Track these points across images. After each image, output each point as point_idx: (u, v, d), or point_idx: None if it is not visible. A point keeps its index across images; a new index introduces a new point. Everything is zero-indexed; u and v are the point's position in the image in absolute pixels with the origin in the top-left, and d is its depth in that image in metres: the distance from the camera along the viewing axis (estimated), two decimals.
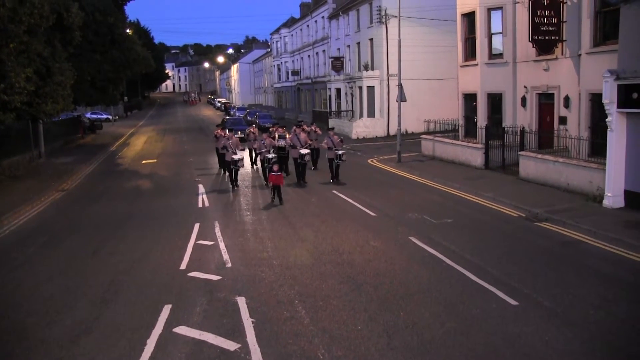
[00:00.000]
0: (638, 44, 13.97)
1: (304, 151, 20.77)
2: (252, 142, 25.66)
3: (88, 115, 60.16)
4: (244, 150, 22.79)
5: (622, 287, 9.88)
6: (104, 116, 64.95)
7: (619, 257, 11.50)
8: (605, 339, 7.90)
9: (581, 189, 16.77)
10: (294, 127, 24.45)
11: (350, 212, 16.12)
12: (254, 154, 25.76)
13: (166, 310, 9.37)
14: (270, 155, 19.97)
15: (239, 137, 25.55)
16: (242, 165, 20.77)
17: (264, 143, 21.30)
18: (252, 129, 27.18)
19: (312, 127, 25.83)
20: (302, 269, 11.24)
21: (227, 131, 24.00)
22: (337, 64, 47.00)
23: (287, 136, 23.02)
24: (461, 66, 26.93)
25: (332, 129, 23.31)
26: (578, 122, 19.36)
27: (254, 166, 25.81)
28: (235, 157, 20.30)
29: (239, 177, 21.52)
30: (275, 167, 17.38)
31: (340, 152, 20.79)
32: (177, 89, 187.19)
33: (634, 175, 14.78)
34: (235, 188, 20.40)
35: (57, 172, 26.06)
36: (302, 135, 22.12)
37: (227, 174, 22.84)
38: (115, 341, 8.28)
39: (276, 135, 23.00)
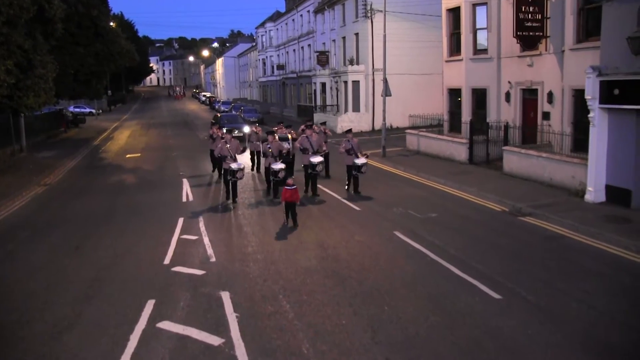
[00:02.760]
0: (620, 40, 14.10)
1: (315, 159, 17.34)
2: (254, 144, 22.21)
3: (71, 109, 59.42)
4: (244, 151, 18.78)
5: (603, 280, 9.99)
6: (88, 110, 64.18)
7: (600, 251, 11.63)
8: (586, 332, 7.98)
9: (564, 184, 16.92)
10: (302, 128, 20.57)
11: (335, 207, 16.11)
12: (256, 158, 22.76)
13: (149, 305, 9.31)
14: (277, 167, 16.77)
15: (236, 137, 21.13)
16: (242, 177, 17.32)
17: (269, 147, 17.47)
18: (255, 128, 23.20)
19: (322, 128, 21.65)
20: (287, 264, 11.23)
21: (224, 130, 21.01)
22: (323, 58, 46.89)
23: (290, 137, 20.42)
24: (446, 61, 27.02)
25: (350, 130, 19.05)
26: (561, 117, 19.52)
27: (256, 171, 22.58)
28: (235, 166, 16.73)
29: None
30: (290, 181, 14.17)
31: (360, 162, 17.40)
32: (161, 83, 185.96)
33: (615, 170, 14.94)
34: (234, 203, 16.85)
35: (39, 167, 25.75)
36: (314, 138, 18.30)
37: (222, 179, 19.50)
38: (98, 337, 8.22)
39: (276, 137, 18.78)
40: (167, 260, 11.68)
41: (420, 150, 26.40)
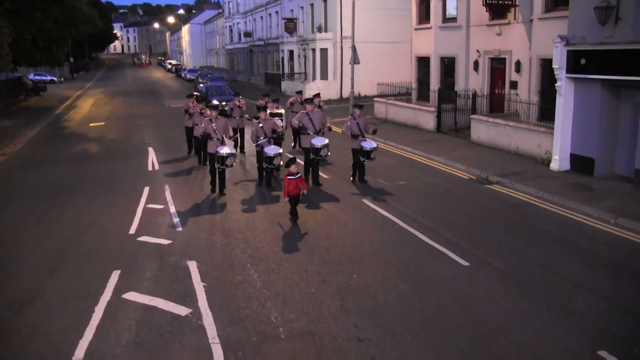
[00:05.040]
0: (587, 10, 14.13)
1: (319, 142, 14.20)
2: (237, 120, 18.89)
3: (31, 76, 57.62)
4: (235, 136, 16.37)
5: (567, 246, 10.16)
6: (49, 78, 62.26)
7: (563, 218, 11.83)
8: (551, 297, 8.12)
9: (530, 153, 17.11)
10: (291, 101, 18.36)
11: (303, 175, 15.96)
12: (239, 137, 19.04)
13: (115, 276, 9.13)
14: (272, 152, 13.70)
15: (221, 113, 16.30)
16: (232, 164, 13.96)
17: (261, 127, 14.32)
18: (238, 101, 19.41)
19: (317, 101, 17.55)
20: (254, 232, 11.13)
21: (203, 105, 18.03)
22: (290, 25, 46.17)
23: (283, 112, 18.28)
24: (415, 29, 26.88)
25: (361, 107, 15.41)
26: (528, 86, 19.65)
27: (239, 151, 19.15)
28: (223, 151, 13.54)
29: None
30: (293, 168, 11.46)
31: (369, 146, 14.39)
32: (126, 51, 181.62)
33: (580, 139, 15.14)
34: (222, 194, 13.96)
35: None
36: (317, 115, 14.99)
37: (200, 162, 17.59)
38: (62, 310, 8.02)
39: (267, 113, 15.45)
40: (132, 230, 11.47)
41: (388, 119, 26.37)
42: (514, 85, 21.08)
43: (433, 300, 8.07)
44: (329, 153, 14.50)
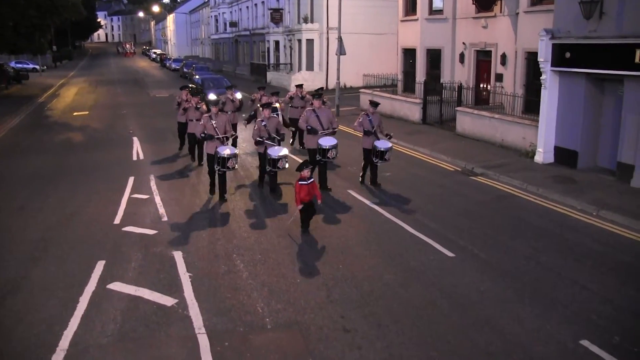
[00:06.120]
0: (573, 4, 14.21)
1: (326, 142, 12.95)
2: (230, 116, 15.69)
3: (12, 64, 56.73)
4: (235, 137, 15.10)
5: (550, 238, 10.28)
6: (31, 66, 61.37)
7: (547, 210, 11.95)
8: (534, 287, 8.22)
9: (515, 145, 17.23)
10: (293, 94, 17.30)
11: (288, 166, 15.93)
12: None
13: (100, 266, 9.06)
14: (276, 154, 12.45)
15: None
16: (234, 166, 12.54)
17: (264, 125, 12.88)
18: (231, 95, 17.27)
19: (325, 98, 15.37)
20: (240, 223, 11.11)
21: (199, 99, 16.81)
22: (276, 15, 45.91)
23: (279, 106, 16.39)
24: (401, 21, 26.89)
25: (377, 104, 14.11)
26: (514, 79, 19.76)
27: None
28: (224, 152, 12.19)
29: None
30: (306, 172, 10.17)
31: (383, 146, 13.12)
32: (110, 39, 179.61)
33: (564, 132, 15.28)
34: (223, 200, 12.60)
35: None
36: (325, 113, 13.65)
37: (194, 160, 16.47)
38: (45, 300, 7.95)
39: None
40: (117, 220, 11.38)
41: None
42: (499, 77, 21.19)
43: (419, 291, 8.13)
44: (337, 155, 13.27)
